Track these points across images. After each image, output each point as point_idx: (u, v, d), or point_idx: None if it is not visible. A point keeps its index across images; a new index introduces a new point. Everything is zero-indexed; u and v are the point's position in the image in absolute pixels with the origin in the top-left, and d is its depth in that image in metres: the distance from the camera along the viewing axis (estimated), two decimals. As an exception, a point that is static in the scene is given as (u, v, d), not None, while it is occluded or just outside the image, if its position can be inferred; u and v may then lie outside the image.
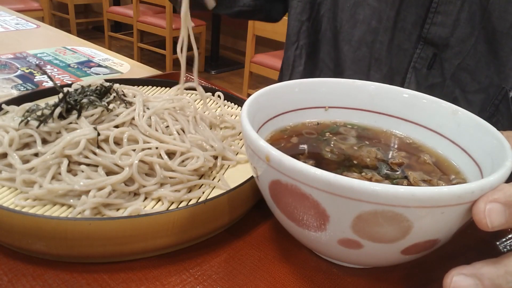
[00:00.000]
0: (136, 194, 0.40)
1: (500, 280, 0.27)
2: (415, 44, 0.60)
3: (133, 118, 0.44)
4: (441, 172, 0.37)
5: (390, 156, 0.39)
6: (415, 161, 0.39)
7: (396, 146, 0.41)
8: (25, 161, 0.41)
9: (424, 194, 0.26)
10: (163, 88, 0.66)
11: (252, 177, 0.40)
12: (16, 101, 0.53)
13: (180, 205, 0.40)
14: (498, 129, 0.35)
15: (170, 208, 0.39)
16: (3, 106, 0.51)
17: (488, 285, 0.27)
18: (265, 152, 0.30)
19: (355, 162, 0.38)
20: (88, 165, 0.40)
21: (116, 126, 0.43)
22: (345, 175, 0.27)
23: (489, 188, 0.27)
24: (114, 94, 0.47)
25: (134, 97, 0.48)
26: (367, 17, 0.63)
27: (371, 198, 0.26)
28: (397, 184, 0.35)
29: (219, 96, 0.62)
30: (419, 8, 0.59)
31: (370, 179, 0.35)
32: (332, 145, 0.40)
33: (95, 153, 0.40)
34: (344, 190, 0.26)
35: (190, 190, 0.42)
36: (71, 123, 0.42)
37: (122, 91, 0.49)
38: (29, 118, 0.43)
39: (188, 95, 0.64)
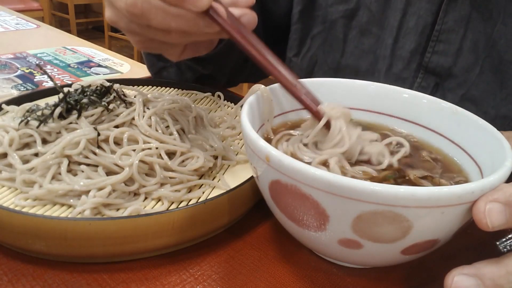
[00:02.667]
0: (136, 194, 0.40)
1: (501, 280, 0.27)
2: (414, 73, 0.58)
3: (133, 118, 0.44)
4: (443, 169, 0.37)
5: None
6: (415, 159, 0.39)
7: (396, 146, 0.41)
8: (25, 161, 0.41)
9: (424, 194, 0.26)
10: (163, 88, 0.66)
11: (252, 177, 0.40)
12: (16, 101, 0.53)
13: (180, 205, 0.40)
14: None
15: (170, 208, 0.39)
16: (3, 106, 0.51)
17: (490, 285, 0.27)
18: (265, 152, 0.30)
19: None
20: (88, 165, 0.40)
21: (116, 126, 0.43)
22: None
23: (489, 188, 0.27)
24: (114, 94, 0.47)
25: (134, 97, 0.48)
26: (371, 46, 0.61)
27: (371, 198, 0.26)
28: (397, 182, 0.35)
29: (219, 96, 0.62)
30: (418, 35, 0.57)
31: (370, 179, 0.35)
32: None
33: (95, 153, 0.40)
34: (344, 190, 0.26)
35: (190, 190, 0.42)
36: (71, 123, 0.42)
37: (123, 91, 0.49)
38: (29, 118, 0.43)
39: (188, 96, 0.64)
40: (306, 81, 0.43)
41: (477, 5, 0.53)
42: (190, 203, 0.40)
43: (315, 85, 0.44)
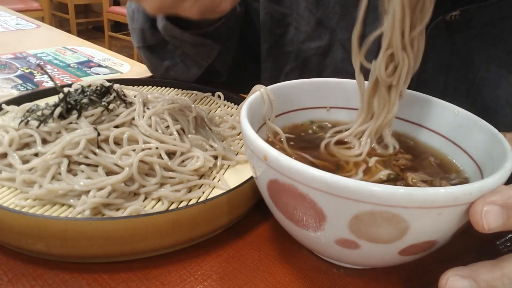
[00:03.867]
0: (136, 194, 0.40)
1: (496, 282, 0.27)
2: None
3: (133, 118, 0.44)
4: (443, 172, 0.37)
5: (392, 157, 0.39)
6: (418, 162, 0.39)
7: (398, 147, 0.41)
8: (25, 161, 0.41)
9: (421, 194, 0.26)
10: (163, 88, 0.66)
11: (252, 177, 0.40)
12: (16, 101, 0.53)
13: (180, 205, 0.40)
14: None
15: (170, 208, 0.39)
16: (3, 106, 0.51)
17: (484, 287, 0.27)
18: (263, 151, 0.30)
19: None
20: (88, 165, 0.40)
21: (116, 126, 0.43)
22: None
23: (487, 190, 0.27)
24: (114, 94, 0.47)
25: (134, 97, 0.48)
26: None
27: (368, 198, 0.26)
28: (396, 185, 0.35)
29: (219, 96, 0.62)
30: None
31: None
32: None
33: (95, 153, 0.40)
34: (341, 190, 0.27)
35: (190, 190, 0.42)
36: (71, 123, 0.43)
37: (123, 91, 0.49)
38: (29, 118, 0.43)
39: (188, 96, 0.64)
40: (307, 81, 0.43)
41: (457, 51, 0.51)
42: (190, 203, 0.40)
43: (317, 85, 0.44)
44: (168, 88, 0.66)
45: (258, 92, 0.39)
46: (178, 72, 0.68)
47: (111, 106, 0.45)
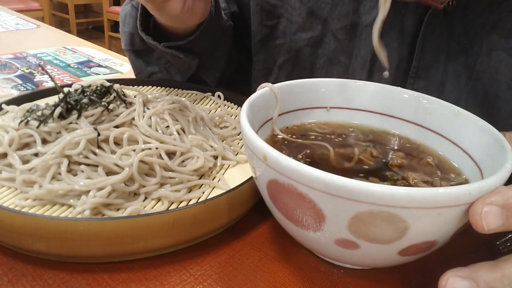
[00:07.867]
0: (136, 194, 0.40)
1: (496, 283, 0.27)
2: None
3: (133, 118, 0.44)
4: (443, 173, 0.37)
5: (390, 158, 0.39)
6: (416, 162, 0.39)
7: (397, 148, 0.41)
8: (25, 161, 0.41)
9: (420, 195, 0.26)
10: (163, 88, 0.66)
11: (252, 177, 0.40)
12: (16, 101, 0.53)
13: (180, 205, 0.40)
14: None
15: (170, 208, 0.39)
16: (3, 106, 0.51)
17: None
18: (262, 151, 0.30)
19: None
20: (88, 165, 0.40)
21: (116, 126, 0.43)
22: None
23: (487, 190, 0.27)
24: (114, 94, 0.47)
25: (134, 97, 0.48)
26: (340, 76, 0.59)
27: (367, 199, 0.26)
28: (396, 185, 0.35)
29: (219, 96, 0.62)
30: (394, 69, 0.54)
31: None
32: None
33: (95, 153, 0.40)
34: (340, 190, 0.27)
35: (190, 190, 0.42)
36: (71, 123, 0.43)
37: (123, 91, 0.49)
38: (29, 118, 0.43)
39: (188, 96, 0.64)
40: (307, 81, 0.43)
41: (456, 37, 0.51)
42: (190, 203, 0.40)
43: (317, 85, 0.44)
44: (168, 88, 0.66)
45: (261, 91, 0.39)
46: (161, 78, 0.69)
47: (111, 106, 0.45)
